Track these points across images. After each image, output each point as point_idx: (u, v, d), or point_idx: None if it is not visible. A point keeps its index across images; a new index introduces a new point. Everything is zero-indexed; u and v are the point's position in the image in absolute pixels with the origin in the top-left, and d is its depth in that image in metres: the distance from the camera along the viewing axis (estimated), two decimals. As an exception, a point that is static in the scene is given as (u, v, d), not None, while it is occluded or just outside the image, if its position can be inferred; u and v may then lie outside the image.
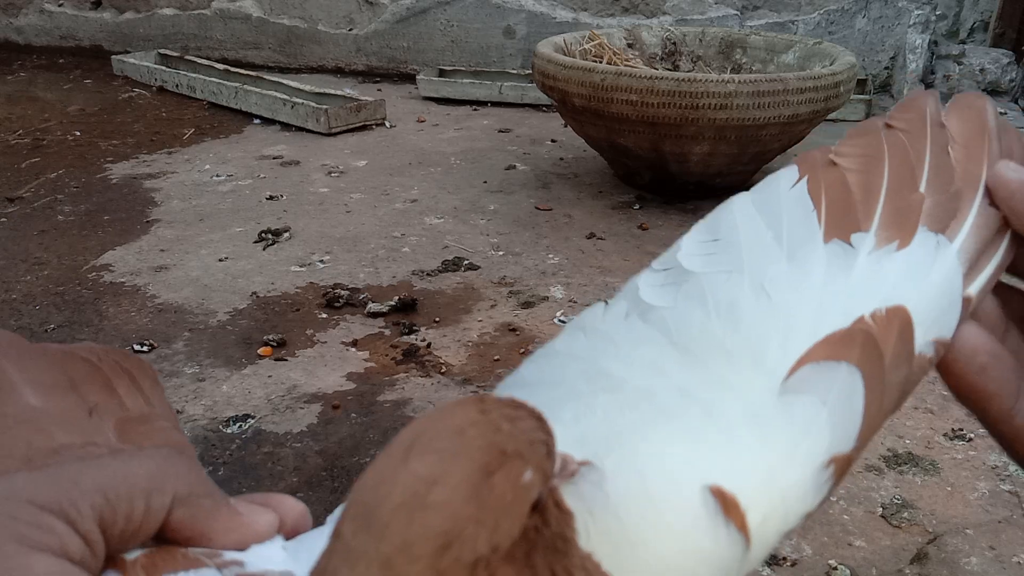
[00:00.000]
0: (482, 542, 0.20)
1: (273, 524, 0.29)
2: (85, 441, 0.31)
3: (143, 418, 0.34)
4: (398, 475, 0.20)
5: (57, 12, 3.70)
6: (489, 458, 0.20)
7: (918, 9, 2.80)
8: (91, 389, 0.34)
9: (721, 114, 1.76)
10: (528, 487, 0.21)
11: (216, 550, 0.27)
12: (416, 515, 0.19)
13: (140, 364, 0.37)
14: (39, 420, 0.31)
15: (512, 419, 0.22)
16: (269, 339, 1.38)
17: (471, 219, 1.91)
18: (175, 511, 0.27)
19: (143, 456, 0.28)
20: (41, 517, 0.23)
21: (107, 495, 0.25)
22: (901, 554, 0.93)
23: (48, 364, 0.34)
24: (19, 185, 2.13)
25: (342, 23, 3.36)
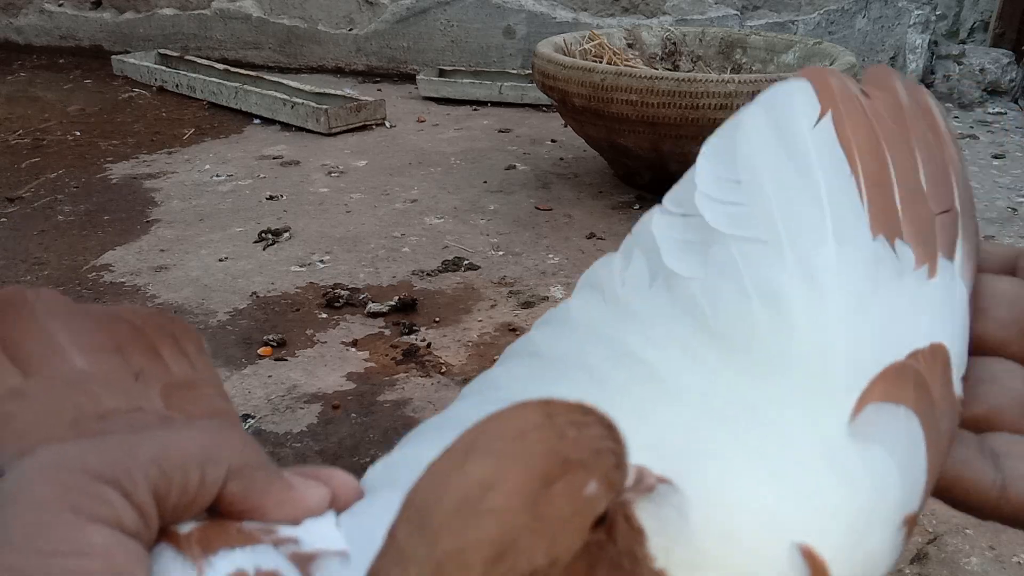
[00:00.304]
0: (539, 554, 0.19)
1: (325, 499, 0.28)
2: (131, 406, 0.30)
3: (189, 384, 0.34)
4: (454, 477, 0.20)
5: (57, 12, 3.70)
6: (550, 466, 0.19)
7: (918, 9, 2.80)
8: (136, 352, 0.33)
9: (721, 114, 1.76)
10: (592, 499, 0.20)
11: (271, 525, 0.27)
12: (470, 521, 0.19)
13: (185, 328, 0.36)
14: (86, 384, 0.30)
15: (579, 425, 0.21)
16: (269, 339, 1.38)
17: (471, 219, 1.91)
18: (229, 483, 0.26)
19: (197, 427, 0.27)
20: (96, 487, 0.23)
21: (162, 466, 0.24)
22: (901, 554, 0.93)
23: (93, 326, 0.33)
24: (19, 185, 2.13)
25: (342, 23, 3.36)
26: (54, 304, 0.33)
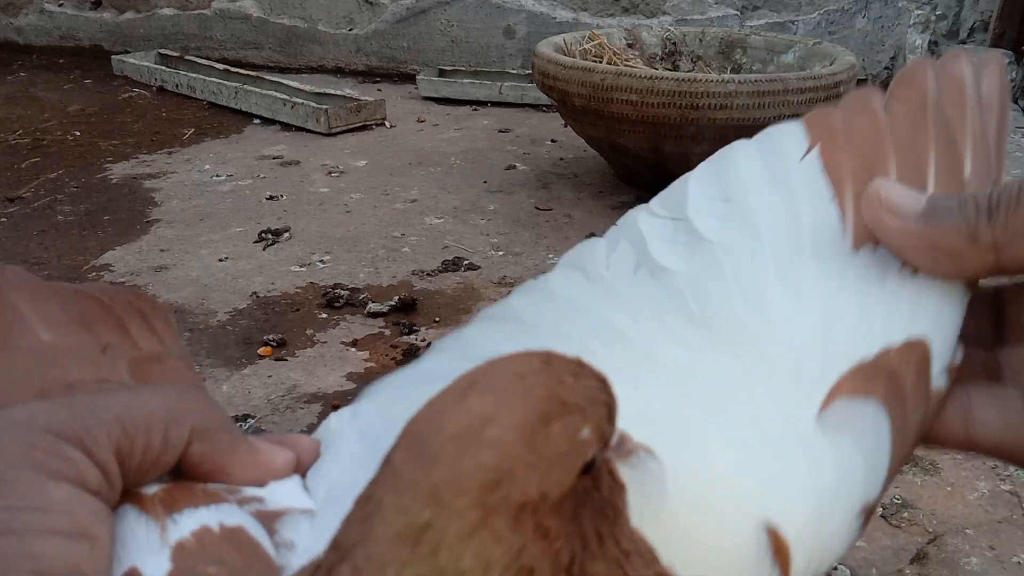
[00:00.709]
0: (532, 486, 0.19)
1: (291, 462, 0.28)
2: (99, 377, 0.30)
3: (156, 357, 0.34)
4: (454, 410, 0.20)
5: (57, 12, 3.70)
6: (549, 406, 0.20)
7: (918, 9, 2.80)
8: (104, 328, 0.33)
9: (721, 114, 1.76)
10: (584, 443, 0.20)
11: (235, 486, 0.27)
12: (469, 449, 0.19)
13: (153, 304, 0.37)
14: (53, 355, 0.30)
15: (576, 375, 0.21)
16: (269, 339, 1.38)
17: (471, 219, 1.91)
18: (193, 444, 0.26)
19: (161, 388, 0.27)
20: (58, 445, 0.23)
21: (125, 425, 0.24)
22: (901, 554, 0.93)
23: (60, 301, 0.33)
24: (19, 185, 2.13)
25: (342, 23, 3.36)
26: (19, 280, 0.33)
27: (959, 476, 1.06)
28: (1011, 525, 0.98)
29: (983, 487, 1.04)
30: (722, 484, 0.25)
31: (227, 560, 0.24)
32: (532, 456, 0.19)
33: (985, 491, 1.03)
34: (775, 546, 0.25)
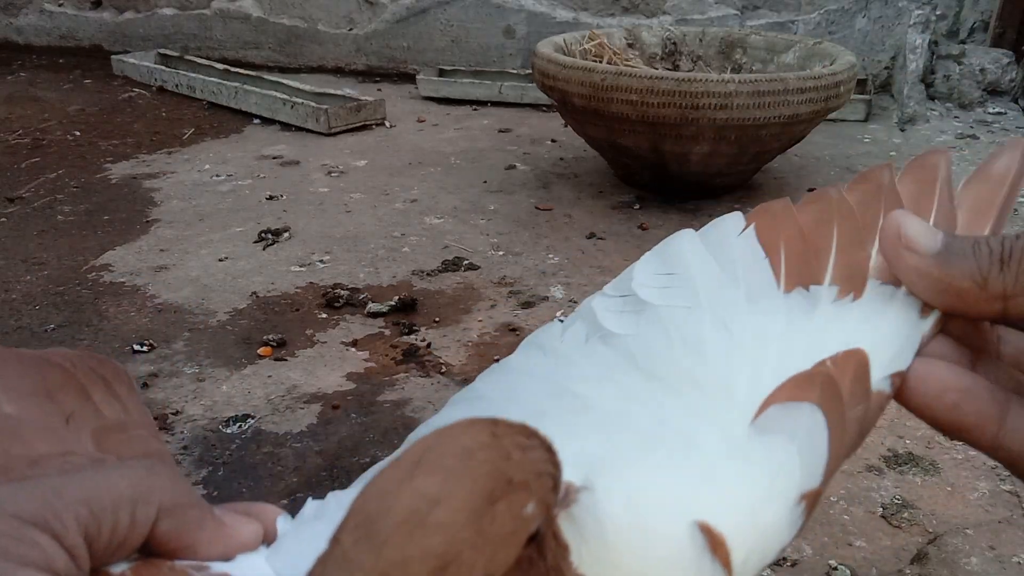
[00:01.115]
0: (478, 568, 0.20)
1: (257, 534, 0.29)
2: (64, 450, 0.30)
3: (120, 426, 0.34)
4: (403, 490, 0.20)
5: (57, 12, 3.70)
6: (495, 485, 0.20)
7: (918, 9, 2.80)
8: (67, 396, 0.33)
9: (721, 114, 1.76)
10: (529, 519, 0.21)
11: (202, 562, 0.27)
12: (416, 533, 0.19)
13: (115, 370, 0.37)
14: (16, 428, 0.30)
15: (523, 448, 0.22)
16: (269, 339, 1.38)
17: (471, 219, 1.91)
18: (160, 522, 0.26)
19: (126, 467, 0.27)
20: (25, 531, 0.23)
21: (91, 507, 0.24)
22: (901, 554, 0.93)
23: (23, 370, 0.33)
24: (19, 185, 2.13)
25: (342, 23, 3.36)
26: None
27: (959, 476, 1.06)
28: (1011, 525, 0.98)
29: (983, 487, 1.04)
30: (650, 498, 0.27)
31: None
32: (478, 538, 0.20)
33: (985, 491, 1.03)
34: (712, 541, 0.26)
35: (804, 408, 0.30)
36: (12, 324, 1.45)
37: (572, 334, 0.38)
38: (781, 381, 0.31)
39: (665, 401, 0.32)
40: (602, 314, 0.38)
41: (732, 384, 0.32)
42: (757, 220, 0.39)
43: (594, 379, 0.34)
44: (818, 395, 0.30)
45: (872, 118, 2.65)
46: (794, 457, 0.29)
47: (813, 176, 2.20)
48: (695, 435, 0.30)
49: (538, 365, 0.38)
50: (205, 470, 1.08)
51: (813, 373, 0.31)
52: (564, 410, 0.33)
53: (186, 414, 1.19)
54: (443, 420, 0.38)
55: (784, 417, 0.30)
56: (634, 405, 0.32)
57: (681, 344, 0.34)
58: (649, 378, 0.33)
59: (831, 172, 2.22)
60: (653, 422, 0.31)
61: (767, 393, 0.31)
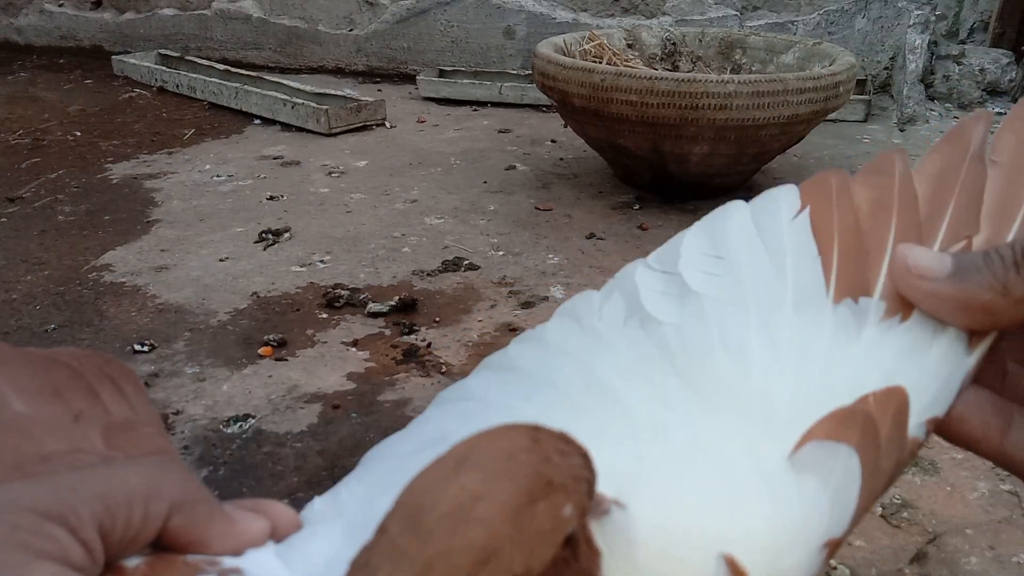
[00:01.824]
0: (517, 563, 0.20)
1: (266, 530, 0.29)
2: (73, 448, 0.31)
3: (128, 424, 0.34)
4: (448, 485, 0.21)
5: (57, 12, 3.70)
6: (535, 485, 0.21)
7: (918, 9, 2.80)
8: (75, 395, 0.34)
9: (721, 114, 1.76)
10: (566, 521, 0.22)
11: (214, 557, 0.28)
12: (460, 526, 0.20)
13: (122, 369, 0.37)
14: (27, 427, 0.31)
15: (562, 453, 0.23)
16: (269, 339, 1.38)
17: (471, 219, 1.91)
18: (172, 518, 0.27)
19: (139, 464, 0.28)
20: (43, 525, 0.24)
21: (106, 502, 0.25)
22: (901, 554, 0.93)
23: (31, 370, 0.34)
24: (19, 185, 2.13)
25: (342, 23, 3.36)
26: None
27: (959, 476, 1.06)
28: (1011, 525, 0.98)
29: (983, 487, 1.04)
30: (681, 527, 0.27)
31: None
32: (518, 534, 0.21)
33: (985, 491, 1.04)
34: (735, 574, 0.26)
35: (842, 452, 0.29)
36: (12, 324, 1.45)
37: (611, 311, 0.37)
38: (822, 411, 0.30)
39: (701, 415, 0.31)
40: (644, 292, 0.36)
41: (772, 404, 0.31)
42: (813, 202, 0.37)
43: (628, 372, 0.34)
44: (857, 438, 0.29)
45: (872, 118, 2.65)
46: (825, 505, 0.28)
47: (813, 176, 2.20)
48: (730, 462, 0.29)
49: (573, 342, 0.36)
50: (206, 470, 1.08)
51: (855, 411, 0.30)
52: (596, 406, 0.33)
53: (187, 414, 1.19)
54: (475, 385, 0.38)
55: (822, 458, 0.29)
56: (669, 415, 0.31)
57: (723, 350, 0.33)
58: (686, 383, 0.32)
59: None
60: (688, 438, 0.30)
61: (806, 422, 0.30)
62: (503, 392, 0.36)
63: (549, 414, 0.31)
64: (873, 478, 0.29)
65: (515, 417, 0.33)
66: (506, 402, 0.35)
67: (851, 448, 0.29)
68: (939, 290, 0.31)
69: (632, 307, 0.36)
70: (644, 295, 0.36)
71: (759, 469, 0.29)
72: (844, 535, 0.29)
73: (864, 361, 0.31)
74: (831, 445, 0.29)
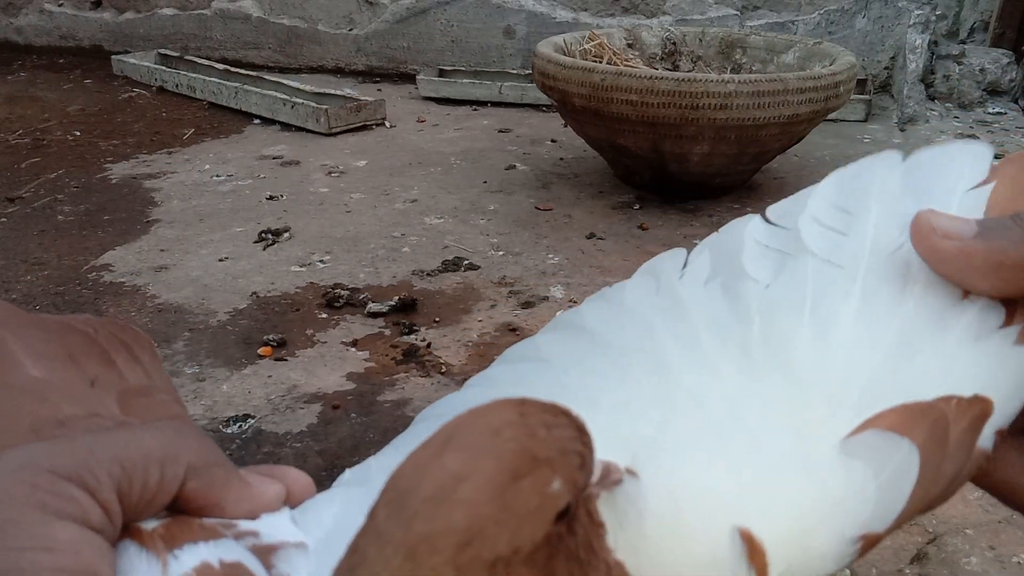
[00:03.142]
0: (502, 543, 0.20)
1: (281, 495, 0.29)
2: (90, 413, 0.31)
3: (144, 390, 0.34)
4: (431, 467, 0.21)
5: (57, 12, 3.70)
6: (519, 462, 0.21)
7: (918, 9, 2.80)
8: (90, 361, 0.34)
9: (721, 114, 1.76)
10: (554, 496, 0.21)
11: (230, 520, 0.28)
12: (442, 509, 0.20)
13: (137, 336, 0.37)
14: (43, 391, 0.31)
15: (549, 426, 0.22)
16: (269, 339, 1.38)
17: (471, 219, 1.91)
18: (188, 481, 0.27)
19: (156, 427, 0.28)
20: (62, 486, 0.24)
21: (124, 464, 0.25)
22: (901, 554, 0.93)
23: (46, 335, 0.34)
24: (19, 185, 2.13)
25: (342, 23, 3.36)
26: (5, 314, 0.33)
27: (959, 476, 1.06)
28: (1011, 525, 0.98)
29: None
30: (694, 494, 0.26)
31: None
32: (502, 514, 0.20)
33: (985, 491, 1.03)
34: (750, 548, 0.25)
35: (903, 445, 0.27)
36: (12, 324, 1.45)
37: (694, 271, 0.35)
38: (900, 402, 0.28)
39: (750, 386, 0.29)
40: (749, 247, 0.34)
41: (845, 384, 0.28)
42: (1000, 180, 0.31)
43: (687, 338, 0.32)
44: (924, 435, 0.27)
45: (872, 118, 2.65)
46: (870, 494, 0.27)
47: (813, 176, 2.19)
48: (766, 435, 0.28)
49: (644, 303, 0.35)
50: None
51: (929, 408, 0.27)
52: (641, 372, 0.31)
53: (186, 414, 1.19)
54: (545, 342, 0.36)
55: (879, 447, 0.27)
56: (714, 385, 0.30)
57: (810, 317, 0.30)
58: (748, 352, 0.30)
59: (831, 172, 2.22)
60: (723, 410, 0.29)
61: (877, 410, 0.27)
62: (563, 352, 0.35)
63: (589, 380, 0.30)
64: (931, 481, 0.27)
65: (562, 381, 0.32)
66: (563, 364, 0.34)
67: (914, 445, 0.27)
68: (969, 247, 0.29)
69: (720, 267, 0.34)
70: (747, 251, 0.34)
71: (799, 446, 0.27)
72: (885, 532, 0.27)
73: (965, 365, 0.29)
74: (893, 436, 0.27)
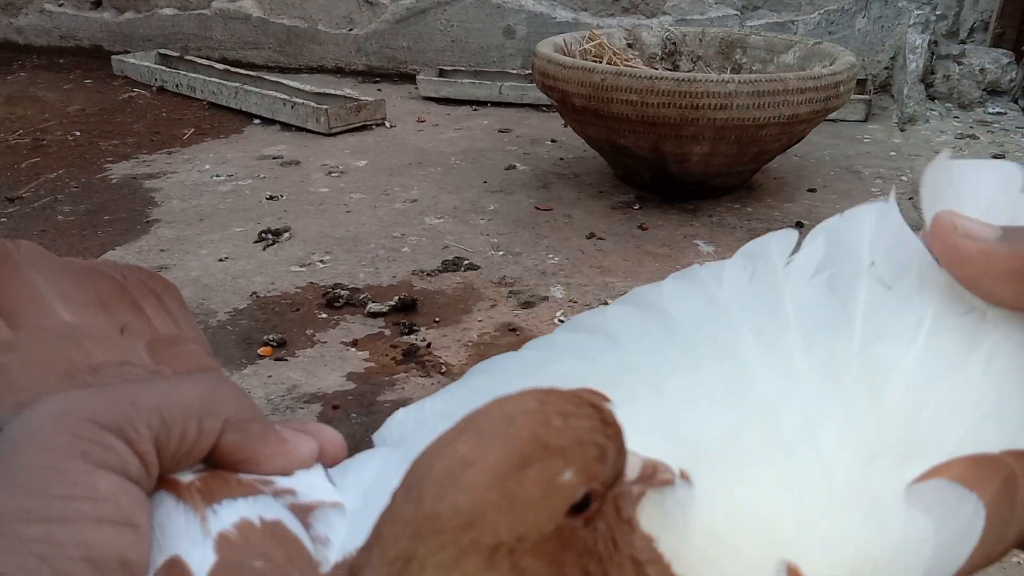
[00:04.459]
0: (503, 529, 0.20)
1: (315, 452, 0.29)
2: (121, 360, 0.31)
3: (174, 340, 0.34)
4: (445, 451, 0.21)
5: (57, 12, 3.70)
6: (528, 450, 0.21)
7: (918, 9, 2.80)
8: (120, 308, 0.33)
9: (721, 114, 1.76)
10: (566, 486, 0.21)
11: (268, 477, 0.27)
12: (448, 491, 0.20)
13: (166, 285, 0.37)
14: (75, 337, 0.31)
15: (567, 415, 0.22)
16: (269, 339, 1.38)
17: (471, 219, 1.91)
18: (225, 435, 0.27)
19: (194, 379, 0.28)
20: (103, 435, 0.24)
21: (163, 415, 0.25)
22: None
23: (76, 280, 0.33)
24: (19, 185, 2.13)
25: (342, 23, 3.36)
26: (37, 257, 0.33)
27: (959, 476, 1.06)
28: (1011, 525, 0.98)
29: (983, 487, 1.04)
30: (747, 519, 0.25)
31: (271, 554, 0.24)
32: (504, 501, 0.20)
33: (985, 491, 1.03)
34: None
35: (969, 501, 0.25)
36: (12, 324, 1.45)
37: (802, 261, 0.32)
38: (969, 452, 0.26)
39: (830, 404, 0.27)
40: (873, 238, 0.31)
41: (916, 426, 0.27)
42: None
43: (771, 338, 0.30)
44: (992, 493, 0.25)
45: (872, 118, 2.65)
46: (928, 551, 0.25)
47: (813, 176, 2.20)
48: (835, 464, 0.26)
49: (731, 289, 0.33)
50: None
51: (998, 462, 0.26)
52: (713, 368, 0.29)
53: (186, 414, 1.19)
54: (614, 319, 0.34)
55: (946, 501, 0.25)
56: (792, 395, 0.28)
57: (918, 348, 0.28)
58: (834, 364, 0.28)
59: (831, 172, 2.22)
60: (799, 426, 0.27)
61: (948, 457, 0.26)
62: (633, 330, 0.33)
63: (655, 364, 0.30)
64: (992, 543, 0.26)
65: (627, 362, 0.31)
66: (630, 342, 0.32)
67: (981, 502, 0.25)
68: (991, 249, 0.28)
69: (834, 258, 0.32)
70: (869, 244, 0.32)
71: (867, 483, 0.26)
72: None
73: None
74: (960, 490, 0.25)
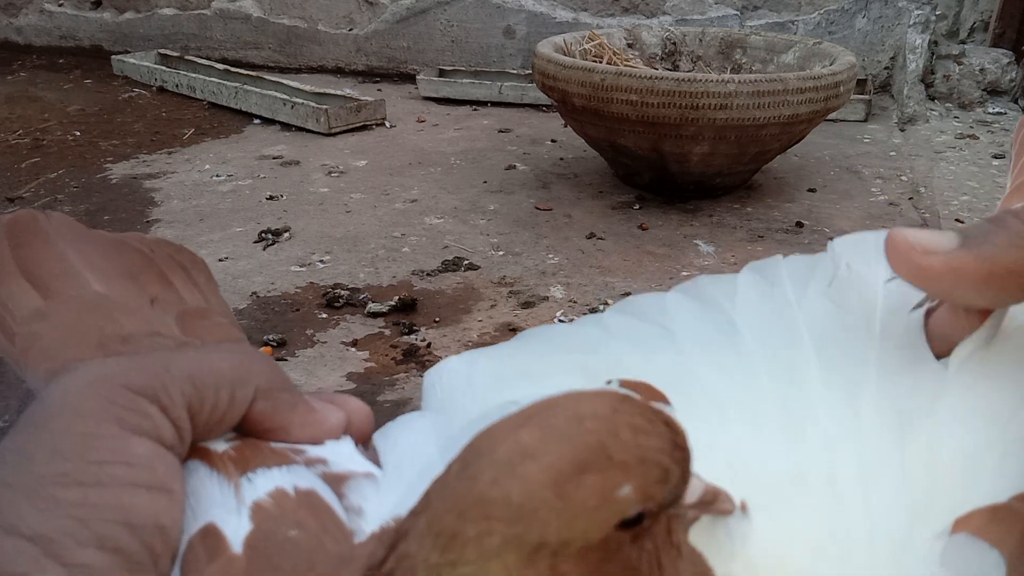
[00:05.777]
0: (550, 531, 0.20)
1: (343, 422, 0.29)
2: (150, 331, 0.31)
3: (202, 312, 0.34)
4: (508, 436, 0.21)
5: (57, 12, 3.70)
6: (591, 456, 0.20)
7: (918, 9, 2.80)
8: (149, 280, 0.34)
9: (721, 114, 1.76)
10: (620, 501, 0.20)
11: (300, 446, 0.28)
12: (503, 479, 0.20)
13: (193, 258, 0.37)
14: (106, 306, 0.31)
15: (638, 430, 0.21)
16: (269, 339, 1.38)
17: (471, 219, 1.91)
18: (256, 403, 0.27)
19: (226, 349, 0.28)
20: (137, 402, 0.24)
21: (196, 383, 0.25)
22: None
23: (105, 251, 0.34)
24: (19, 185, 2.13)
25: (342, 23, 3.36)
26: (66, 228, 0.34)
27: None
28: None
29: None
30: (796, 567, 0.24)
31: (305, 524, 0.24)
32: (558, 502, 0.20)
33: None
34: None
35: (990, 557, 0.24)
36: (12, 324, 1.45)
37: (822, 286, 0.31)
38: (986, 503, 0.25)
39: (890, 452, 0.26)
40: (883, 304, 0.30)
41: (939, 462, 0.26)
42: None
43: (832, 361, 0.29)
44: (1012, 546, 0.25)
45: (872, 118, 2.65)
46: None
47: (813, 176, 2.20)
48: (881, 523, 0.25)
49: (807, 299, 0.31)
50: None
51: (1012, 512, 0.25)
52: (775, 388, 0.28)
53: (186, 414, 1.19)
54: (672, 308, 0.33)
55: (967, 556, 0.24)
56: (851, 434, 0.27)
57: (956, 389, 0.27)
58: (899, 406, 0.27)
59: (831, 172, 2.22)
60: (857, 477, 0.26)
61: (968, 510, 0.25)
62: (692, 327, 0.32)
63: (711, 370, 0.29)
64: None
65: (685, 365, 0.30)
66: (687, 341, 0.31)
67: (1002, 558, 0.24)
68: (955, 261, 0.25)
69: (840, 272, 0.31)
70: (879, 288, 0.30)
71: (908, 549, 0.25)
72: None
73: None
74: (982, 546, 0.24)
